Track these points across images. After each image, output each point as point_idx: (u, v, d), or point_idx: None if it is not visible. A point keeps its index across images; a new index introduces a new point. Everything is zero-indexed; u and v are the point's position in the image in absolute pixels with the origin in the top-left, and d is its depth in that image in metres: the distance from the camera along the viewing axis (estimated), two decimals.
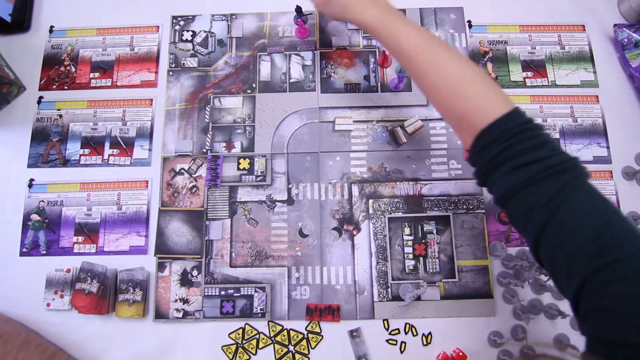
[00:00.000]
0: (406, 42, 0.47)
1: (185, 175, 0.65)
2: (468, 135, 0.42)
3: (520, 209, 0.38)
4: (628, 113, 0.67)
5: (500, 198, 0.40)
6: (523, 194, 0.37)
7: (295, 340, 0.59)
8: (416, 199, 0.63)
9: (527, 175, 0.37)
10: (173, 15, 0.72)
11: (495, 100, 0.41)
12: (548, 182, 0.36)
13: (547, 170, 0.36)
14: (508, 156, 0.38)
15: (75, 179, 0.65)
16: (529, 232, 0.37)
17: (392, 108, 0.67)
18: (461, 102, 0.42)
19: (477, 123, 0.40)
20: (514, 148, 0.38)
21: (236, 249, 0.62)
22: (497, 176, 0.39)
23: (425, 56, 0.46)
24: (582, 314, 0.33)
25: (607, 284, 0.31)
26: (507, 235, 0.62)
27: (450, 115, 0.45)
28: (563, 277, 0.35)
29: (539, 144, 0.38)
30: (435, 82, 0.45)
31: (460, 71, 0.44)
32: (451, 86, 0.44)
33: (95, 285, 0.58)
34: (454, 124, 0.46)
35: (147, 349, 0.59)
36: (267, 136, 0.66)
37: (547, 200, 0.35)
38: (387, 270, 0.61)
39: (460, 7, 0.71)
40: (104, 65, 0.70)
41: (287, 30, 0.70)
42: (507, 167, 0.38)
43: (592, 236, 0.33)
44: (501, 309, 0.59)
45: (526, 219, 0.37)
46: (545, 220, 0.35)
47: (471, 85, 0.43)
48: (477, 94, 0.42)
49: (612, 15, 0.71)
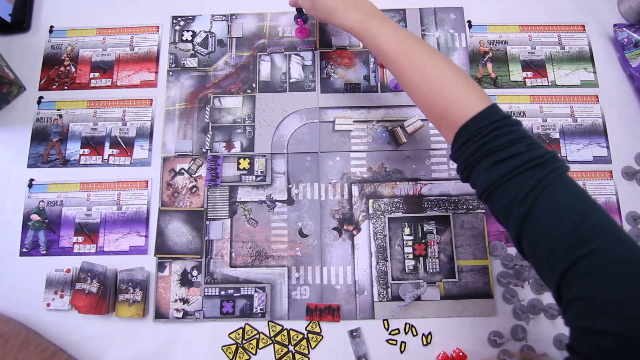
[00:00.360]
0: (385, 45, 0.48)
1: (185, 175, 0.65)
2: (449, 132, 0.43)
3: (500, 204, 0.39)
4: (628, 113, 0.67)
5: (482, 194, 0.41)
6: (502, 189, 0.38)
7: (295, 340, 0.59)
8: (416, 199, 0.63)
9: (505, 171, 0.38)
10: (173, 15, 0.72)
11: (473, 97, 0.42)
12: (525, 176, 0.37)
13: (523, 165, 0.37)
14: (486, 152, 0.39)
15: (75, 179, 0.65)
16: (511, 226, 0.38)
17: (392, 108, 0.67)
18: (440, 101, 0.44)
19: (455, 120, 0.42)
20: (491, 144, 0.39)
21: (236, 249, 0.62)
22: (477, 172, 0.41)
23: (404, 57, 0.47)
24: (564, 305, 0.34)
25: (587, 273, 0.32)
26: (507, 235, 0.62)
27: (431, 114, 0.46)
28: (545, 269, 0.36)
29: (516, 140, 0.39)
30: (415, 82, 0.46)
31: (438, 70, 0.45)
32: (430, 85, 0.45)
33: (95, 285, 0.58)
34: (436, 122, 0.47)
35: (147, 349, 0.59)
36: (267, 136, 0.66)
37: (525, 194, 0.36)
38: (387, 270, 0.61)
39: (460, 7, 0.71)
40: (104, 65, 0.70)
41: (287, 30, 0.70)
42: (485, 163, 0.39)
43: (570, 228, 0.34)
44: (501, 309, 0.59)
45: (507, 214, 0.38)
46: (524, 214, 0.36)
47: (448, 83, 0.44)
48: (454, 92, 0.43)
49: (612, 15, 0.71)
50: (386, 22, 0.50)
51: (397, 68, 0.48)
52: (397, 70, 0.48)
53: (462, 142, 0.41)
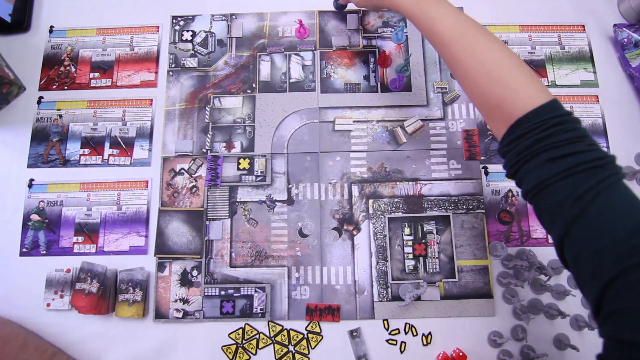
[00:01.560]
0: (442, 27, 0.46)
1: (185, 175, 0.65)
2: (501, 124, 0.41)
3: (550, 202, 0.37)
4: (628, 113, 0.67)
5: (530, 189, 0.39)
6: (556, 186, 0.36)
7: (295, 340, 0.59)
8: (416, 199, 0.63)
9: (563, 168, 0.36)
10: (173, 15, 0.72)
11: (534, 89, 0.40)
12: (583, 176, 0.35)
13: (583, 165, 0.35)
14: (544, 147, 0.37)
15: (75, 179, 0.65)
16: (557, 226, 0.36)
17: (392, 108, 0.67)
18: (498, 89, 0.41)
19: (513, 111, 0.40)
20: (551, 139, 0.37)
21: (236, 249, 0.62)
22: (531, 167, 0.38)
23: (463, 42, 0.45)
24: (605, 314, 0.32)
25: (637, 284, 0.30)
26: (507, 235, 0.62)
27: (484, 103, 0.44)
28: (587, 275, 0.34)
29: (577, 137, 0.37)
30: (471, 69, 0.44)
31: (499, 58, 0.43)
32: (489, 73, 0.42)
33: (95, 285, 0.58)
34: (487, 112, 0.44)
35: (147, 349, 0.59)
36: (267, 136, 0.66)
37: (580, 195, 0.34)
38: (387, 270, 0.61)
39: (460, 7, 0.71)
40: (104, 65, 0.70)
41: (287, 30, 0.70)
42: (542, 158, 0.37)
43: (624, 235, 0.32)
44: (501, 309, 0.59)
45: (555, 213, 0.36)
46: (575, 215, 0.34)
47: (510, 72, 0.41)
48: (515, 82, 0.41)
49: (612, 15, 0.71)
50: (443, 4, 0.48)
51: (453, 53, 0.45)
52: (451, 55, 0.46)
53: (517, 134, 0.39)
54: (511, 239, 0.62)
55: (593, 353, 0.38)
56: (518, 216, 0.63)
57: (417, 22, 0.50)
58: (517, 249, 0.61)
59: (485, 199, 0.63)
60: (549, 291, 0.58)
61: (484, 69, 0.43)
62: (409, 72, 0.68)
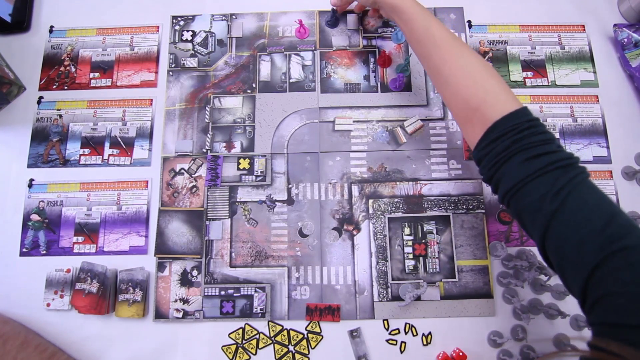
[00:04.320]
0: (437, 30, 0.50)
1: (185, 175, 0.65)
2: (478, 127, 0.44)
3: (529, 200, 0.39)
4: (628, 113, 0.67)
5: (509, 190, 0.41)
6: (534, 184, 0.39)
7: (295, 340, 0.59)
8: (416, 199, 0.63)
9: (539, 166, 0.39)
10: (173, 15, 0.72)
11: (509, 96, 0.44)
12: (557, 173, 0.38)
13: (557, 163, 0.38)
14: (519, 148, 0.40)
15: (75, 179, 0.65)
16: (537, 223, 0.38)
17: (392, 108, 0.67)
18: (480, 93, 0.45)
19: (491, 115, 0.43)
20: (526, 140, 0.40)
21: (236, 249, 0.62)
22: (507, 168, 0.41)
23: (453, 45, 0.49)
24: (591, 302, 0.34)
25: (618, 270, 0.32)
26: (507, 235, 0.62)
27: (464, 106, 0.47)
28: (571, 267, 0.36)
29: (548, 140, 0.40)
30: (458, 71, 0.47)
31: (481, 65, 0.47)
32: (472, 77, 0.46)
33: (95, 285, 0.58)
34: (465, 116, 0.47)
35: (147, 349, 0.59)
36: (267, 136, 0.66)
37: (557, 190, 0.37)
38: (387, 270, 0.61)
39: (460, 7, 0.71)
40: (104, 65, 0.70)
41: (287, 30, 0.70)
42: (518, 158, 0.40)
43: (601, 226, 0.34)
44: (501, 309, 0.59)
45: (534, 209, 0.39)
46: (555, 209, 0.37)
47: (490, 79, 0.46)
48: (495, 88, 0.45)
49: (612, 15, 0.71)
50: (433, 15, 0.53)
51: (443, 55, 0.49)
52: (441, 56, 0.49)
53: (494, 137, 0.42)
54: (511, 239, 0.62)
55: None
56: None
57: (413, 22, 0.53)
58: (517, 249, 0.61)
59: (485, 199, 0.63)
60: (549, 291, 0.58)
61: (469, 73, 0.47)
62: (409, 72, 0.68)
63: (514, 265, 0.58)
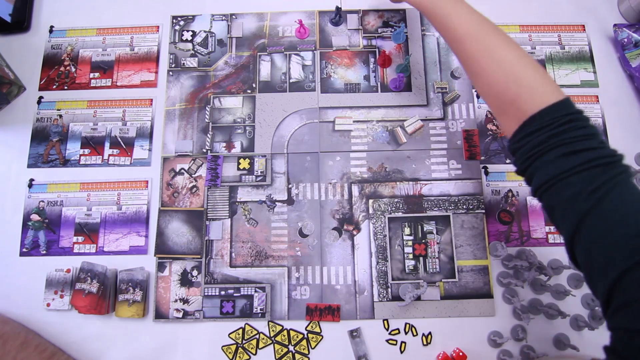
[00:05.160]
0: (459, 25, 0.47)
1: (185, 175, 0.65)
2: (514, 120, 0.42)
3: (563, 196, 0.37)
4: (628, 113, 0.67)
5: (543, 184, 0.39)
6: (569, 180, 0.37)
7: (295, 340, 0.59)
8: (416, 199, 0.63)
9: (578, 162, 0.37)
10: (173, 15, 0.72)
11: (548, 87, 0.41)
12: (597, 171, 0.36)
13: (597, 160, 0.36)
14: (557, 143, 0.38)
15: (75, 179, 0.65)
16: (568, 220, 0.37)
17: (392, 108, 0.67)
18: (513, 86, 0.42)
19: (527, 108, 0.40)
20: (565, 135, 0.38)
21: (236, 249, 0.62)
22: (543, 162, 0.39)
23: (478, 40, 0.46)
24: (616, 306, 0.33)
25: None
26: (507, 235, 0.62)
27: (497, 100, 0.44)
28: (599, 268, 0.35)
29: (590, 135, 0.38)
30: (487, 66, 0.45)
31: (515, 56, 0.43)
32: (504, 70, 0.43)
33: (95, 285, 0.58)
34: (499, 108, 0.45)
35: (147, 349, 0.59)
36: (267, 136, 0.66)
37: (595, 188, 0.35)
38: (387, 270, 0.60)
39: None
40: (104, 65, 0.70)
41: (287, 30, 0.70)
42: (555, 153, 0.38)
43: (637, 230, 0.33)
44: (501, 309, 0.59)
45: (568, 206, 0.37)
46: (589, 208, 0.35)
47: (525, 71, 0.42)
48: (530, 79, 0.42)
49: (612, 15, 0.71)
50: (459, 1, 0.49)
51: (468, 50, 0.46)
52: (467, 53, 0.47)
53: (530, 130, 0.40)
54: (511, 239, 0.62)
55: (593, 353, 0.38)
56: (518, 216, 0.63)
57: (432, 18, 0.50)
58: (517, 249, 0.61)
59: (485, 199, 0.63)
60: (549, 291, 0.58)
61: (500, 67, 0.44)
62: (409, 72, 0.68)
63: (514, 265, 0.58)
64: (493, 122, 0.66)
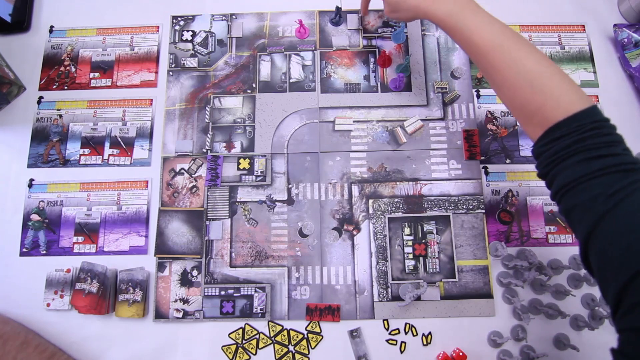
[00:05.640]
0: (480, 38, 0.46)
1: (185, 175, 0.65)
2: (538, 127, 0.42)
3: (580, 199, 0.38)
4: (628, 113, 0.67)
5: (563, 186, 0.39)
6: (589, 184, 0.37)
7: (295, 340, 0.59)
8: (416, 199, 0.63)
9: (599, 167, 0.37)
10: (173, 15, 0.72)
11: (575, 96, 0.41)
12: (617, 176, 0.36)
13: (618, 166, 0.37)
14: (581, 148, 0.39)
15: (75, 179, 0.65)
16: (585, 222, 0.37)
17: (392, 108, 0.67)
18: (538, 97, 0.42)
19: (552, 116, 0.41)
20: (589, 141, 0.38)
21: (236, 249, 0.62)
22: (564, 165, 0.40)
23: (502, 52, 0.45)
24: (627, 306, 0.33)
25: None
26: (507, 235, 0.62)
27: (523, 110, 0.44)
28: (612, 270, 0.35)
29: (613, 142, 0.39)
30: (511, 78, 0.44)
31: (540, 67, 0.43)
32: (529, 81, 0.43)
33: (95, 285, 0.58)
34: (525, 118, 0.45)
35: (147, 349, 0.59)
36: (267, 136, 0.66)
37: (613, 192, 0.35)
38: (387, 270, 0.60)
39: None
40: (104, 65, 0.70)
41: (287, 30, 0.70)
42: (577, 157, 0.39)
43: None
44: (501, 309, 0.59)
45: (585, 209, 0.37)
46: (606, 210, 0.35)
47: (551, 80, 0.42)
48: (555, 89, 0.42)
49: (612, 15, 0.71)
50: (479, 13, 0.48)
51: (491, 63, 0.46)
52: (490, 65, 0.46)
53: (555, 136, 0.40)
54: (511, 239, 0.62)
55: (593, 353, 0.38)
56: (518, 216, 0.63)
57: (452, 32, 0.49)
58: (517, 249, 0.61)
59: (485, 199, 0.63)
60: (549, 291, 0.58)
61: (525, 78, 0.43)
62: (409, 72, 0.68)
63: (514, 265, 0.58)
64: (493, 122, 0.66)
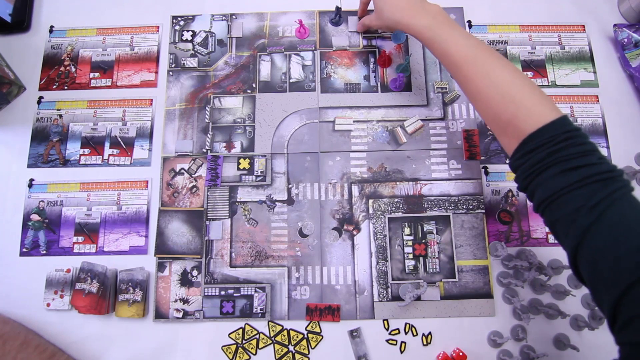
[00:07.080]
0: (456, 51, 0.49)
1: (185, 175, 0.65)
2: (513, 139, 0.43)
3: (563, 212, 0.38)
4: (628, 113, 0.67)
5: (543, 200, 0.40)
6: (569, 196, 0.38)
7: (295, 340, 0.59)
8: (416, 199, 0.63)
9: (577, 179, 0.37)
10: (173, 15, 0.72)
11: (545, 107, 0.42)
12: (596, 186, 0.37)
13: (596, 176, 0.37)
14: (556, 160, 0.39)
15: (75, 179, 0.65)
16: (570, 236, 0.37)
17: (392, 108, 0.67)
18: (511, 107, 0.43)
19: (525, 127, 0.41)
20: (563, 152, 0.39)
21: (236, 249, 0.62)
22: (542, 179, 0.40)
23: (475, 64, 0.47)
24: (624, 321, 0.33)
25: None
26: (507, 235, 0.62)
27: (496, 121, 0.46)
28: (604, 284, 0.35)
29: (588, 151, 0.39)
30: (485, 89, 0.46)
31: (511, 78, 0.45)
32: (501, 92, 0.45)
33: (95, 285, 0.58)
34: (499, 129, 0.46)
35: (147, 349, 0.59)
36: (267, 136, 0.66)
37: (595, 204, 0.36)
38: (387, 270, 0.61)
39: (460, 7, 0.71)
40: (104, 65, 0.70)
41: (287, 30, 0.70)
42: (554, 170, 0.39)
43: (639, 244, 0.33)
44: (501, 309, 0.59)
45: (569, 222, 0.37)
46: (590, 223, 0.35)
47: (522, 91, 0.44)
48: (527, 100, 0.43)
49: (612, 15, 0.71)
50: (456, 28, 0.51)
51: (465, 74, 0.48)
52: (464, 77, 0.48)
53: (529, 149, 0.41)
54: (511, 239, 0.62)
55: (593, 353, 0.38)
56: (518, 216, 0.63)
57: (430, 45, 0.52)
58: (517, 249, 0.61)
59: (485, 199, 0.63)
60: (549, 291, 0.58)
61: (497, 89, 0.45)
62: (409, 72, 0.68)
63: (514, 265, 0.58)
64: None
